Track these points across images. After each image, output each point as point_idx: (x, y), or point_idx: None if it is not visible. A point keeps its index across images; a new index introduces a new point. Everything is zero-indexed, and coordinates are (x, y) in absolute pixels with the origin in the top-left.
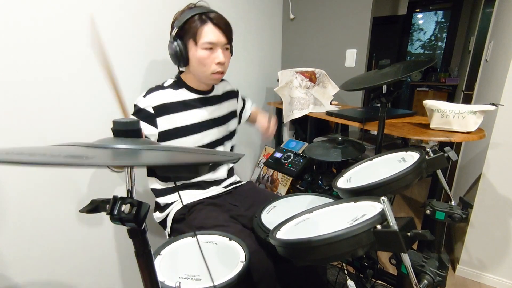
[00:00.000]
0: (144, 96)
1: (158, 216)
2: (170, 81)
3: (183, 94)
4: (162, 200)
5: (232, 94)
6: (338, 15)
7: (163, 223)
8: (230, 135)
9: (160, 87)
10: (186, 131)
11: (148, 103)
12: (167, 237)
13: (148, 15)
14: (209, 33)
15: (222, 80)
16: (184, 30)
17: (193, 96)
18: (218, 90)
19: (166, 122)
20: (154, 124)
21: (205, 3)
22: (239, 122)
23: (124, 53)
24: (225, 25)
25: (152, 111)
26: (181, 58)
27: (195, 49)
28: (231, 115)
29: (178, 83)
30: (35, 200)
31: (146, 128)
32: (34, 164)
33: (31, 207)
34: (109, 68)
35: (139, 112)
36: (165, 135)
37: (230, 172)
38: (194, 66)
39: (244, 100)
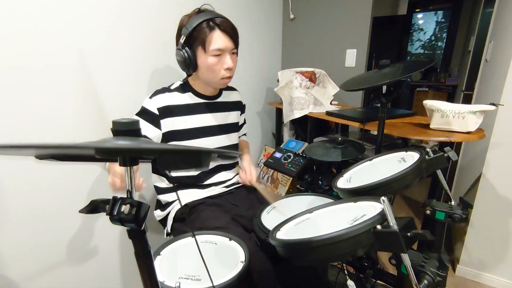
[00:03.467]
0: (150, 97)
1: (158, 214)
2: (177, 84)
3: (189, 98)
4: (163, 197)
5: (239, 105)
6: (338, 15)
7: (163, 221)
8: (236, 146)
9: (167, 89)
10: (189, 134)
11: (154, 105)
12: (165, 235)
13: (153, 19)
14: (218, 39)
15: (234, 89)
16: (193, 38)
17: (199, 100)
18: (228, 97)
19: (170, 124)
20: (158, 126)
21: (210, 7)
22: None
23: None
24: (232, 30)
25: (157, 112)
26: (190, 65)
27: (205, 56)
28: (235, 126)
29: (185, 87)
30: (35, 200)
31: (149, 129)
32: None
33: (31, 207)
34: None
35: (144, 113)
36: (168, 136)
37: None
38: (203, 72)
39: (244, 121)
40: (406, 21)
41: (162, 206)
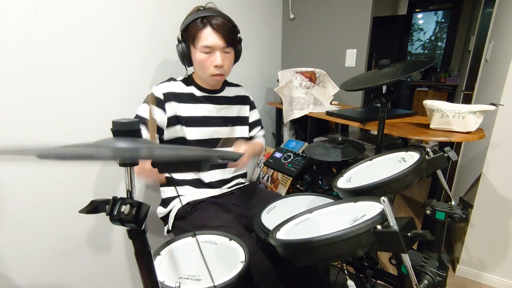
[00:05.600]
0: (157, 85)
1: (160, 211)
2: (181, 77)
3: (193, 90)
4: (166, 194)
5: (244, 100)
6: (338, 15)
7: (165, 218)
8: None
9: (172, 79)
10: (191, 122)
11: (160, 90)
12: (166, 233)
13: (153, 17)
14: (208, 36)
15: (238, 85)
16: (187, 33)
17: (202, 93)
18: (230, 93)
19: (174, 108)
20: (163, 109)
21: (213, 5)
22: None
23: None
24: (225, 29)
25: (162, 97)
26: (185, 59)
27: (195, 52)
28: (241, 120)
29: (189, 80)
30: (35, 200)
31: (156, 113)
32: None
33: (31, 207)
34: None
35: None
36: (172, 122)
37: (241, 173)
38: (196, 67)
39: (261, 124)
40: (406, 21)
41: (164, 203)
